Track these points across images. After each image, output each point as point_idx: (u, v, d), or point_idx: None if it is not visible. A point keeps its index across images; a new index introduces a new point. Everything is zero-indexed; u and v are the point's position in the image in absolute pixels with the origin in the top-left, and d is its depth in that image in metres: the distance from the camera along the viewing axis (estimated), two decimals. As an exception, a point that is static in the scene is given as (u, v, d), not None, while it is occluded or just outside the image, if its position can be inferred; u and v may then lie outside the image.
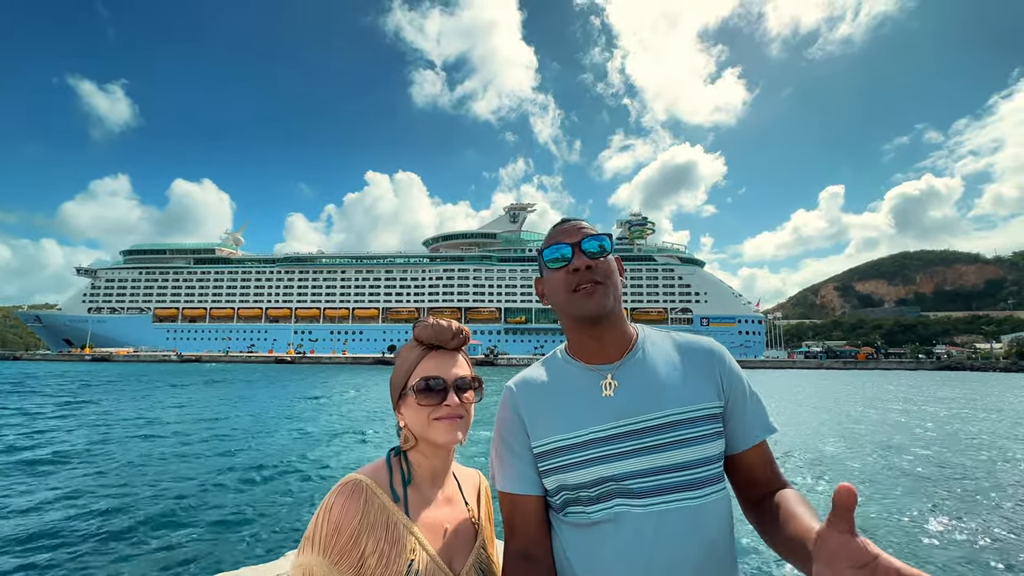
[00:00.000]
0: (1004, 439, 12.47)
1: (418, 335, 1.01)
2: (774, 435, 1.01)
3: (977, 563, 4.96)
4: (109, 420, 14.31)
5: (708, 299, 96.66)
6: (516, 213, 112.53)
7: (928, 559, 5.09)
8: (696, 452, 0.92)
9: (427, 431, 0.96)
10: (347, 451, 10.41)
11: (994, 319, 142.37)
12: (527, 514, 0.99)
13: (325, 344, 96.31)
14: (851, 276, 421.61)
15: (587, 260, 0.99)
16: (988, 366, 64.64)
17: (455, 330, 1.01)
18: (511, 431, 1.02)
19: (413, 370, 0.99)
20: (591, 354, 1.03)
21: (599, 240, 1.01)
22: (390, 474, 0.97)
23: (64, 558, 4.85)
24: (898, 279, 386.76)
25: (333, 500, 0.89)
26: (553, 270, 1.03)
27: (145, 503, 6.51)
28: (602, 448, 0.94)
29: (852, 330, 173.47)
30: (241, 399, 21.05)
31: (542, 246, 1.07)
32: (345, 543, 0.85)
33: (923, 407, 20.26)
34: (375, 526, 0.88)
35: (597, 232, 1.03)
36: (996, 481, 8.23)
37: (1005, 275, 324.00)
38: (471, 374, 1.03)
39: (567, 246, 1.01)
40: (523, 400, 1.03)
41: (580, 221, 1.06)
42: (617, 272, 1.04)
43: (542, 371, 1.08)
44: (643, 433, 0.93)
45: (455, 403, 0.96)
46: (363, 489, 0.91)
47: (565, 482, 0.95)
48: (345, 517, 0.87)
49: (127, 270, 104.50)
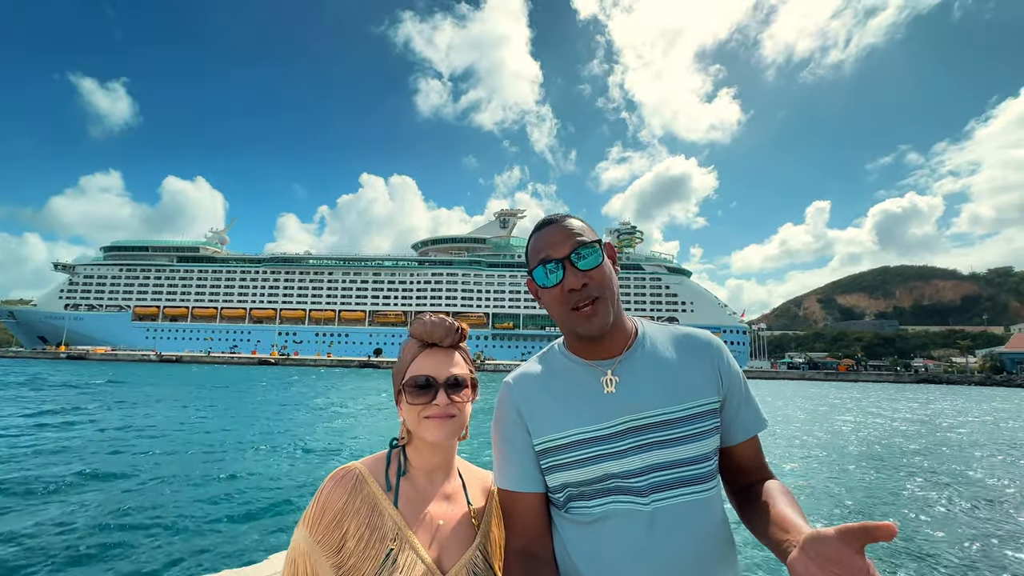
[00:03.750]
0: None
1: (413, 332, 1.01)
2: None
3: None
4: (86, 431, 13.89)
5: (694, 308, 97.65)
6: (506, 219, 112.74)
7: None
8: (697, 448, 0.92)
9: (418, 429, 0.97)
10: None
11: (969, 334, 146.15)
12: (528, 511, 0.98)
13: (310, 346, 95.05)
14: (834, 289, 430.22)
15: (581, 277, 0.94)
16: (964, 380, 66.19)
17: (450, 327, 1.00)
18: (511, 428, 1.01)
19: (407, 367, 0.99)
20: (591, 350, 1.01)
21: (591, 253, 0.95)
22: (387, 464, 0.99)
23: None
24: (879, 293, 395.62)
25: (325, 484, 0.94)
26: (545, 289, 0.99)
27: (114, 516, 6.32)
28: (605, 445, 0.93)
29: (833, 342, 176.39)
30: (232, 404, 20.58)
31: (530, 259, 1.02)
32: (328, 524, 0.89)
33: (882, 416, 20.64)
34: (359, 511, 0.91)
35: (586, 240, 0.96)
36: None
37: (980, 291, 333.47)
38: (467, 372, 1.01)
39: (557, 265, 0.95)
40: (522, 397, 1.01)
41: (566, 219, 1.00)
42: (614, 275, 0.99)
43: (541, 366, 1.05)
44: (645, 429, 0.93)
45: (444, 402, 0.96)
46: (354, 476, 0.95)
47: (568, 479, 0.94)
48: (330, 500, 0.91)
49: (107, 267, 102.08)
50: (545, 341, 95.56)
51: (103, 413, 15.52)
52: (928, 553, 5.60)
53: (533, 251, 1.01)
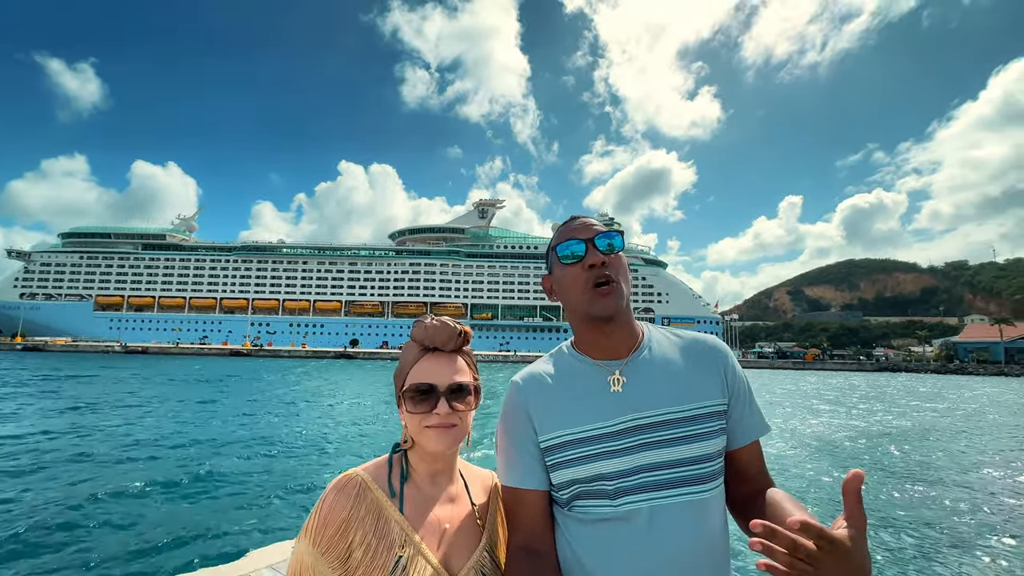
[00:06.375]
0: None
1: (414, 335, 0.98)
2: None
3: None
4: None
5: (669, 300, 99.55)
6: (485, 209, 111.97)
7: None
8: (700, 448, 0.93)
9: (419, 438, 0.95)
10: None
11: (927, 324, 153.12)
12: (532, 509, 0.98)
13: (284, 337, 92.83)
14: (802, 281, 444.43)
15: (601, 256, 0.99)
16: (921, 368, 69.17)
17: (452, 331, 0.97)
18: (517, 425, 1.01)
19: (407, 373, 0.96)
20: (599, 350, 1.03)
21: (611, 237, 1.01)
22: (389, 470, 0.96)
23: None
24: (844, 285, 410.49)
25: (327, 494, 0.91)
26: (566, 266, 1.02)
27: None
28: (610, 443, 0.94)
29: (801, 332, 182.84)
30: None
31: (553, 242, 1.06)
32: (332, 535, 0.86)
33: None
34: (364, 520, 0.88)
35: (609, 229, 1.03)
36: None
37: (938, 284, 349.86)
38: (470, 379, 0.99)
39: (580, 243, 1.00)
40: (530, 395, 1.02)
41: (590, 218, 1.06)
42: (627, 270, 1.04)
43: (549, 366, 1.07)
44: (650, 428, 0.94)
45: (444, 412, 0.93)
46: (357, 483, 0.92)
47: (573, 476, 0.95)
48: (333, 510, 0.88)
49: (66, 254, 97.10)
50: (523, 332, 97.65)
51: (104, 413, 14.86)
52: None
53: (557, 237, 1.05)
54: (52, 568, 4.51)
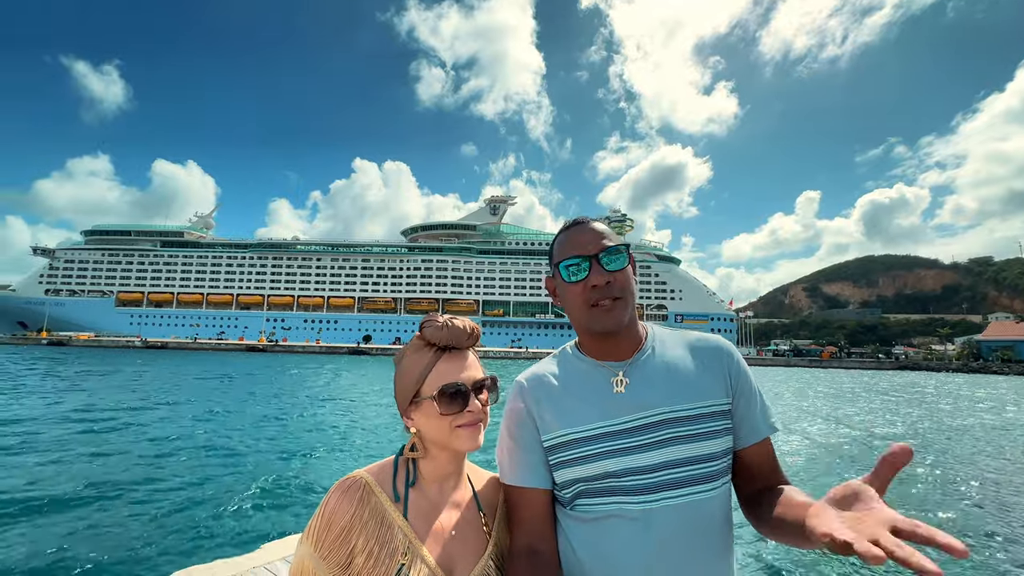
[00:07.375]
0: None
1: (430, 337, 0.95)
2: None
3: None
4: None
5: (683, 296, 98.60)
6: (496, 205, 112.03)
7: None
8: (703, 448, 0.93)
9: (450, 440, 0.92)
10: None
11: (948, 322, 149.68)
12: (534, 507, 0.99)
13: (298, 332, 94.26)
14: (819, 278, 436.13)
15: (606, 276, 0.97)
16: (942, 367, 67.60)
17: (470, 329, 0.96)
18: (520, 424, 1.02)
19: (427, 375, 0.93)
20: (603, 352, 1.03)
21: (618, 255, 0.98)
22: (394, 473, 0.94)
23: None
24: (863, 281, 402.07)
25: (330, 496, 0.89)
26: (568, 284, 1.01)
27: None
28: (612, 442, 0.94)
29: (818, 330, 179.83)
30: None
31: (556, 254, 1.04)
32: (334, 539, 0.85)
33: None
34: (367, 524, 0.86)
35: (615, 243, 1.00)
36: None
37: (960, 281, 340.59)
38: (484, 373, 0.99)
39: (584, 260, 0.98)
40: (533, 394, 1.03)
41: (594, 223, 1.03)
42: (633, 280, 1.02)
43: (553, 366, 1.07)
44: (652, 428, 0.94)
45: (478, 408, 0.93)
46: (360, 487, 0.90)
47: (575, 475, 0.95)
48: (336, 514, 0.86)
49: (88, 251, 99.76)
50: (535, 328, 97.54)
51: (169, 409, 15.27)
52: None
53: (560, 248, 1.03)
54: (63, 547, 4.64)
